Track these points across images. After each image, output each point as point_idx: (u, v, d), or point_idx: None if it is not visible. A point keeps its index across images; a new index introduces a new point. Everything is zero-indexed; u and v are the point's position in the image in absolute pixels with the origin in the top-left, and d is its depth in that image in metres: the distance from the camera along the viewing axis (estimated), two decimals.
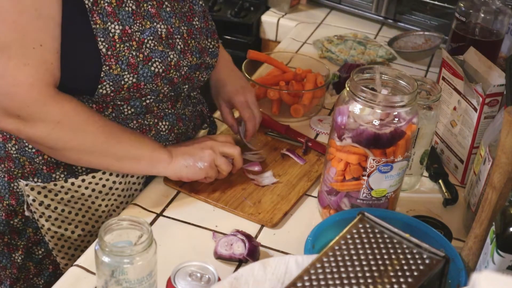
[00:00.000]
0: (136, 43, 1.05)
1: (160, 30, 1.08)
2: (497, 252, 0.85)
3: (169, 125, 1.18)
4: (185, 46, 1.12)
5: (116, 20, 1.03)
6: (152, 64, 1.07)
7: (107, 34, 1.02)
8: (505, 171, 0.91)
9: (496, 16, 1.44)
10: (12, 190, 1.16)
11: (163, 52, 1.08)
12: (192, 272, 0.86)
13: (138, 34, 1.05)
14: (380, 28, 1.95)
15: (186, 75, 1.13)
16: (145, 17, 1.06)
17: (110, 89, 1.05)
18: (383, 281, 0.77)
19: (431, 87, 1.20)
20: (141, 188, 1.21)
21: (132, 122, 1.13)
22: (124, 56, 1.03)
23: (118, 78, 1.04)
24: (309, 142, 1.32)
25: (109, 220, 0.86)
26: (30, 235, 1.19)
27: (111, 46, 1.02)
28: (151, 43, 1.06)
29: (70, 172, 1.14)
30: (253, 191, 1.18)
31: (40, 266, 1.23)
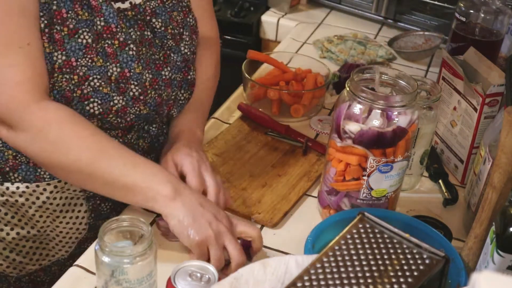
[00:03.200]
0: (78, 78, 0.98)
1: (111, 71, 1.01)
2: (497, 252, 0.85)
3: None
4: (140, 95, 1.04)
5: (62, 50, 0.97)
6: (89, 104, 1.00)
7: (50, 59, 0.97)
8: (505, 171, 0.91)
9: (496, 16, 1.44)
10: None
11: (106, 95, 1.01)
12: (192, 272, 0.86)
13: (84, 69, 0.99)
14: (380, 28, 1.95)
15: (131, 122, 1.06)
16: (99, 54, 1.00)
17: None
18: (383, 281, 0.77)
19: (431, 87, 1.20)
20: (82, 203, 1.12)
21: None
22: (61, 87, 0.98)
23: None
24: (309, 142, 1.32)
25: (109, 220, 0.86)
26: None
27: (50, 73, 0.97)
28: (97, 82, 1.00)
29: (4, 177, 1.07)
30: (253, 191, 1.18)
31: None
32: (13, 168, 1.07)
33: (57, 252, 1.17)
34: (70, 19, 0.98)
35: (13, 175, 1.07)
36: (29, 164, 1.06)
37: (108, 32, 1.01)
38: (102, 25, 1.00)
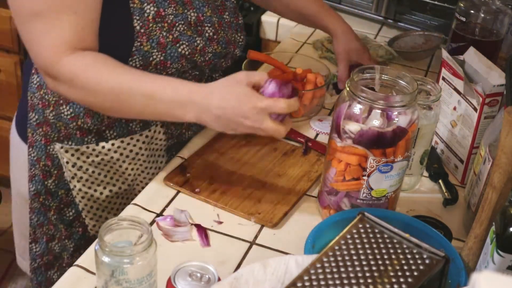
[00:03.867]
0: (167, 25, 1.14)
1: (190, 17, 1.17)
2: (497, 252, 0.85)
3: None
4: (214, 35, 1.22)
5: (152, 2, 1.12)
6: (180, 46, 1.16)
7: (142, 14, 1.11)
8: (505, 171, 0.91)
9: (496, 16, 1.44)
10: (48, 152, 1.25)
11: (190, 37, 1.17)
12: (192, 272, 0.86)
13: (171, 17, 1.14)
14: (380, 28, 1.95)
15: (210, 60, 1.23)
16: (178, 3, 1.15)
17: (139, 63, 1.13)
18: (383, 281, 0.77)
19: (431, 87, 1.20)
20: (164, 155, 1.31)
21: None
22: (155, 36, 1.13)
23: (148, 54, 1.13)
24: (309, 142, 1.32)
25: (109, 220, 0.86)
26: (62, 196, 1.29)
27: (145, 25, 1.11)
28: (181, 27, 1.16)
29: (100, 137, 1.22)
30: (253, 191, 1.18)
31: (70, 228, 1.31)
32: (108, 126, 1.22)
33: None
34: None
35: (108, 133, 1.23)
36: (122, 120, 1.22)
37: None
38: None
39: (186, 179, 1.19)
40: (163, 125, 1.27)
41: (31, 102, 1.24)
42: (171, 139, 1.31)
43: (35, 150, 1.26)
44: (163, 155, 1.31)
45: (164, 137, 1.29)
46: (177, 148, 1.31)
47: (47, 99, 1.21)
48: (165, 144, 1.30)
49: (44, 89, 1.21)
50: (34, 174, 1.28)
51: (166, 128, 1.28)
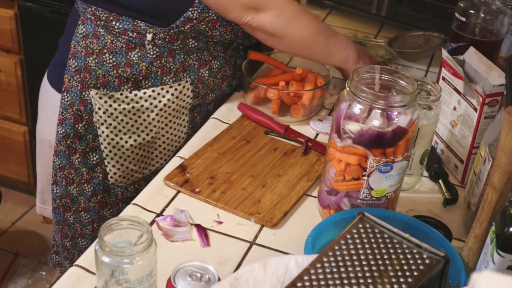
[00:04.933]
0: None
1: None
2: (497, 252, 0.85)
3: (219, 65, 1.40)
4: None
5: None
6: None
7: None
8: (505, 171, 0.91)
9: (496, 16, 1.44)
10: (82, 97, 1.34)
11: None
12: (192, 272, 0.86)
13: None
14: (380, 28, 1.95)
15: (247, 33, 1.34)
16: None
17: (196, 15, 1.26)
18: (383, 281, 0.77)
19: (431, 87, 1.20)
20: (187, 113, 1.40)
21: (193, 55, 1.35)
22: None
23: (205, 9, 1.26)
24: (309, 142, 1.32)
25: (109, 220, 0.86)
26: (89, 140, 1.37)
27: None
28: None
29: (136, 86, 1.32)
30: (253, 191, 1.18)
31: (92, 173, 1.40)
32: (145, 76, 1.32)
33: (158, 160, 1.43)
34: None
35: (144, 82, 1.32)
36: (158, 72, 1.32)
37: None
38: None
39: (186, 179, 1.19)
40: (192, 82, 1.36)
41: (73, 50, 1.33)
42: (196, 98, 1.40)
43: (70, 95, 1.35)
44: (186, 113, 1.40)
45: (192, 94, 1.37)
46: (199, 111, 1.43)
47: (92, 47, 1.31)
48: (191, 102, 1.39)
49: (90, 38, 1.31)
50: (65, 118, 1.37)
51: (194, 86, 1.37)
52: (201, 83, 1.39)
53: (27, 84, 2.38)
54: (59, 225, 1.49)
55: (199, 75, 1.38)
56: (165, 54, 1.32)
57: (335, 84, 1.56)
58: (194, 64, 1.37)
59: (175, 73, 1.34)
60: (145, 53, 1.31)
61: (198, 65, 1.37)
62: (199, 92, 1.40)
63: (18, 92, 2.39)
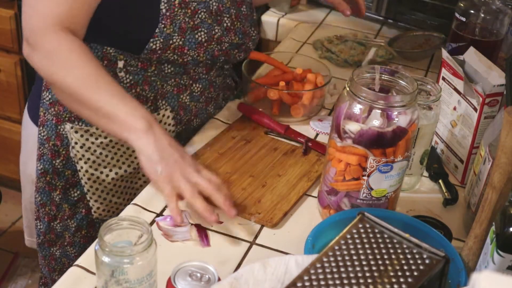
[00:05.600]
0: (190, 11, 1.20)
1: (212, 5, 1.23)
2: (497, 252, 0.85)
3: (202, 88, 1.34)
4: (231, 26, 1.28)
5: None
6: (198, 33, 1.22)
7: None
8: (505, 171, 0.91)
9: (496, 16, 1.44)
10: (58, 132, 1.28)
11: (210, 25, 1.23)
12: (192, 272, 0.86)
13: (195, 4, 1.20)
14: (380, 28, 1.95)
15: (226, 50, 1.29)
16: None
17: (159, 46, 1.18)
18: (383, 281, 0.77)
19: (431, 87, 1.20)
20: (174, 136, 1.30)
21: (170, 80, 1.28)
22: (178, 20, 1.18)
23: (168, 37, 1.18)
24: (309, 142, 1.32)
25: (109, 220, 0.86)
26: (68, 176, 1.31)
27: (170, 9, 1.17)
28: (203, 14, 1.22)
29: None
30: (253, 191, 1.18)
31: (74, 208, 1.34)
32: None
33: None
34: None
35: None
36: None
37: None
38: None
39: None
40: (172, 109, 1.30)
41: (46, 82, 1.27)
42: (179, 125, 1.34)
43: (46, 130, 1.29)
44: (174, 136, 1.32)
45: (173, 122, 1.31)
46: (186, 136, 1.35)
47: None
48: (174, 130, 1.33)
49: None
50: (43, 153, 1.31)
51: (175, 113, 1.31)
52: (182, 110, 1.32)
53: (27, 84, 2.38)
54: (46, 260, 1.43)
55: (179, 101, 1.31)
56: (140, 81, 1.25)
57: (335, 84, 1.56)
58: (173, 90, 1.30)
59: (153, 102, 1.28)
60: (118, 82, 1.21)
61: (177, 91, 1.30)
62: (181, 119, 1.33)
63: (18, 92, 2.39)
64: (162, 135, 1.06)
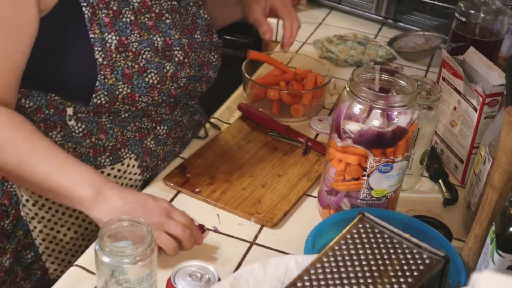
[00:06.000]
0: (132, 54, 1.07)
1: (156, 42, 1.10)
2: (497, 252, 0.85)
3: (167, 130, 1.21)
4: (185, 58, 1.15)
5: (113, 31, 1.05)
6: (147, 75, 1.08)
7: (104, 44, 1.04)
8: (505, 171, 0.91)
9: (496, 16, 1.44)
10: (5, 189, 1.13)
11: (159, 64, 1.10)
12: (192, 272, 0.86)
13: (135, 44, 1.07)
14: (380, 28, 1.95)
15: (185, 86, 1.16)
16: (142, 28, 1.09)
17: (104, 99, 1.06)
18: (383, 281, 0.77)
19: (431, 87, 1.20)
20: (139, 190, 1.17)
21: (130, 125, 1.15)
22: (120, 67, 1.05)
23: (113, 88, 1.05)
24: (309, 142, 1.32)
25: (109, 220, 0.86)
26: (20, 238, 1.16)
27: (107, 56, 1.04)
28: (148, 54, 1.09)
29: None
30: (253, 191, 1.18)
31: (28, 270, 1.20)
32: None
33: None
34: (112, 1, 1.05)
35: None
36: (89, 154, 1.13)
37: (145, 6, 1.10)
38: (139, 1, 1.09)
39: (186, 179, 1.19)
40: (137, 157, 1.17)
41: None
42: (146, 172, 1.21)
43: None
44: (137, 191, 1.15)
45: (139, 170, 1.19)
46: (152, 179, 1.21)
47: None
48: (141, 178, 1.20)
49: None
50: None
51: (140, 160, 1.18)
52: (148, 156, 1.19)
53: None
54: None
55: (143, 147, 1.17)
56: (94, 130, 1.11)
57: (335, 84, 1.56)
58: (135, 136, 1.16)
59: (112, 152, 1.14)
60: (69, 132, 1.10)
61: (139, 136, 1.16)
62: (148, 165, 1.20)
63: None
64: (115, 196, 0.98)
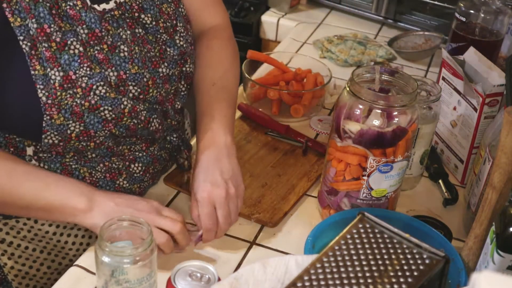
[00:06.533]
0: (81, 90, 0.94)
1: (109, 77, 0.97)
2: (497, 252, 0.85)
3: (143, 167, 1.10)
4: (140, 95, 1.01)
5: (56, 66, 0.92)
6: (101, 112, 0.96)
7: (47, 81, 0.92)
8: (505, 171, 0.91)
9: (496, 16, 1.44)
10: None
11: (115, 99, 0.97)
12: (192, 272, 0.86)
13: (85, 79, 0.94)
14: (380, 28, 1.95)
15: (146, 119, 1.03)
16: (93, 61, 0.96)
17: (56, 139, 0.96)
18: (383, 281, 0.77)
19: (431, 87, 1.20)
20: None
21: (99, 166, 1.05)
22: (67, 105, 0.93)
23: (63, 128, 0.95)
24: (309, 142, 1.32)
25: (109, 220, 0.86)
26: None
27: (52, 94, 0.92)
28: (102, 89, 0.95)
29: None
30: (253, 191, 1.18)
31: None
32: None
33: None
34: (55, 32, 0.92)
35: None
36: None
37: (94, 38, 0.96)
38: (86, 32, 0.95)
39: (186, 179, 1.19)
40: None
41: None
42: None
43: None
44: None
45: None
46: None
47: None
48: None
49: None
50: None
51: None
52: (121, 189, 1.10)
53: None
54: None
55: (115, 187, 1.08)
56: (57, 172, 1.03)
57: (335, 84, 1.56)
58: (105, 177, 1.06)
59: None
60: None
61: (110, 176, 1.07)
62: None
63: None
64: (107, 200, 0.95)
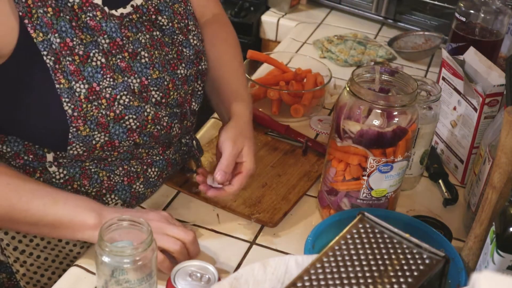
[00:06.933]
0: (106, 101, 0.96)
1: (133, 85, 0.99)
2: (497, 252, 0.85)
3: (159, 171, 1.12)
4: (162, 99, 1.04)
5: (81, 79, 0.94)
6: (126, 121, 0.98)
7: (72, 94, 0.93)
8: (505, 171, 0.91)
9: (496, 16, 1.44)
10: None
11: (138, 107, 0.99)
12: (192, 272, 0.86)
13: (109, 90, 0.96)
14: (380, 28, 1.95)
15: (168, 125, 1.06)
16: (115, 71, 0.97)
17: (81, 149, 0.98)
18: (383, 281, 0.77)
19: (431, 87, 1.20)
20: None
21: (118, 169, 1.06)
22: (93, 116, 0.95)
23: (88, 139, 0.97)
24: (309, 142, 1.32)
25: (109, 220, 0.86)
26: (3, 280, 1.12)
27: (77, 107, 0.94)
28: (125, 98, 0.98)
29: None
30: (253, 191, 1.18)
31: None
32: None
33: None
34: (77, 45, 0.94)
35: None
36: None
37: (115, 47, 0.98)
38: (108, 42, 0.97)
39: (186, 179, 1.19)
40: (124, 202, 1.10)
41: None
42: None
43: None
44: None
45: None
46: None
47: None
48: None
49: None
50: None
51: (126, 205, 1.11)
52: (135, 199, 1.11)
53: None
54: None
55: (131, 191, 1.09)
56: (77, 176, 1.03)
57: (335, 84, 1.56)
58: (123, 181, 1.07)
59: (95, 198, 1.05)
60: (50, 178, 1.03)
61: (128, 180, 1.08)
62: (130, 206, 1.12)
63: None
64: (113, 214, 0.94)
